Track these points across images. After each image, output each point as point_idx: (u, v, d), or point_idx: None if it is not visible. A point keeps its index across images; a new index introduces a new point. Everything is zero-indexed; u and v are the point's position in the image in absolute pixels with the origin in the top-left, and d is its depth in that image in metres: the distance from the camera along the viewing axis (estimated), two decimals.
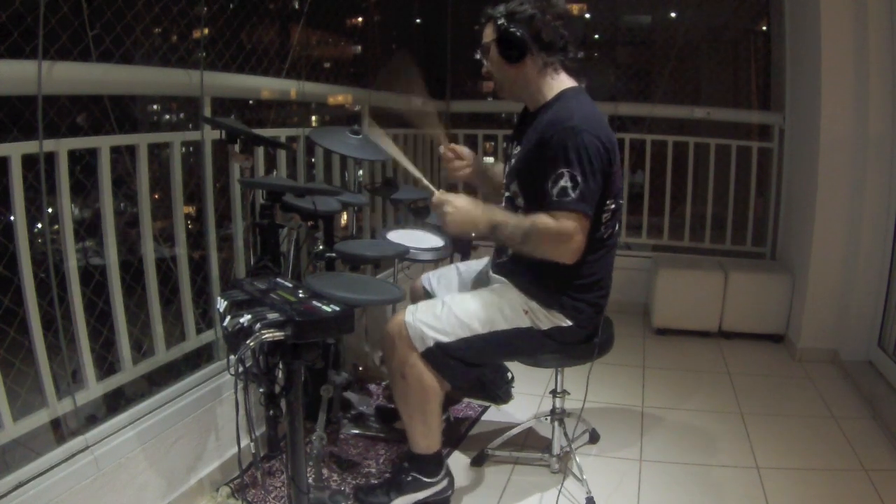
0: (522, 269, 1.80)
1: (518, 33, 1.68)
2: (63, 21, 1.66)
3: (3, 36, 1.54)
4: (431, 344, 1.74)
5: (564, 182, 1.60)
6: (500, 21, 1.70)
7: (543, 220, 1.64)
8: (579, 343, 1.86)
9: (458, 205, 1.68)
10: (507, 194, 1.88)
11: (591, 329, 1.86)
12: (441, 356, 1.75)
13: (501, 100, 4.53)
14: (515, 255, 1.83)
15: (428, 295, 2.10)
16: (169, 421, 1.84)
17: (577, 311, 1.79)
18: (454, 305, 1.79)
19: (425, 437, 1.84)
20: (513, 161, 1.85)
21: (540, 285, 1.79)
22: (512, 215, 1.73)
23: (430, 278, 2.14)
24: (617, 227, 1.85)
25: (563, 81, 1.78)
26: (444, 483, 1.91)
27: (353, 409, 2.35)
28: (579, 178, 1.60)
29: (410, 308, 1.81)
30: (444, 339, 1.75)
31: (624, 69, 4.41)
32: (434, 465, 1.88)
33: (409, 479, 1.86)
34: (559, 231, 1.62)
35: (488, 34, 1.76)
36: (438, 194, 1.72)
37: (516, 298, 1.81)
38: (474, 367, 1.85)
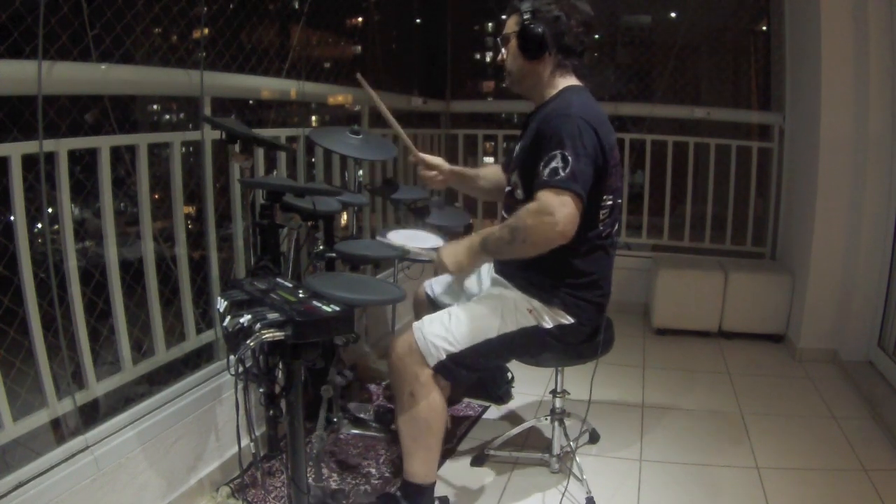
0: (520, 268, 1.81)
1: (540, 30, 1.71)
2: (63, 21, 1.66)
3: (3, 36, 1.54)
4: (444, 356, 1.72)
5: (556, 163, 1.60)
6: (526, 16, 1.72)
7: (525, 206, 1.64)
8: (581, 342, 1.86)
9: (444, 249, 1.80)
10: (507, 188, 1.91)
11: (592, 327, 1.86)
12: (452, 367, 1.74)
13: (501, 100, 4.56)
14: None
15: (431, 302, 2.11)
16: (169, 421, 1.84)
17: (578, 308, 1.79)
18: (462, 314, 1.78)
19: (425, 463, 1.77)
20: (516, 153, 1.87)
21: (536, 283, 1.79)
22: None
23: (433, 285, 2.14)
24: (616, 228, 1.85)
25: (569, 80, 1.81)
26: None
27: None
28: (570, 158, 1.59)
29: (416, 324, 1.79)
30: (455, 349, 1.73)
31: (624, 69, 4.41)
32: (427, 499, 1.80)
33: None
34: (542, 208, 1.58)
35: (510, 25, 1.79)
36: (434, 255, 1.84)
37: (519, 299, 1.81)
38: (481, 371, 1.84)
